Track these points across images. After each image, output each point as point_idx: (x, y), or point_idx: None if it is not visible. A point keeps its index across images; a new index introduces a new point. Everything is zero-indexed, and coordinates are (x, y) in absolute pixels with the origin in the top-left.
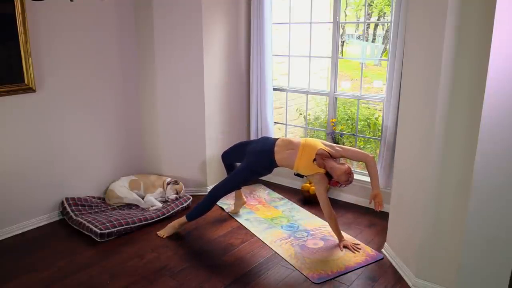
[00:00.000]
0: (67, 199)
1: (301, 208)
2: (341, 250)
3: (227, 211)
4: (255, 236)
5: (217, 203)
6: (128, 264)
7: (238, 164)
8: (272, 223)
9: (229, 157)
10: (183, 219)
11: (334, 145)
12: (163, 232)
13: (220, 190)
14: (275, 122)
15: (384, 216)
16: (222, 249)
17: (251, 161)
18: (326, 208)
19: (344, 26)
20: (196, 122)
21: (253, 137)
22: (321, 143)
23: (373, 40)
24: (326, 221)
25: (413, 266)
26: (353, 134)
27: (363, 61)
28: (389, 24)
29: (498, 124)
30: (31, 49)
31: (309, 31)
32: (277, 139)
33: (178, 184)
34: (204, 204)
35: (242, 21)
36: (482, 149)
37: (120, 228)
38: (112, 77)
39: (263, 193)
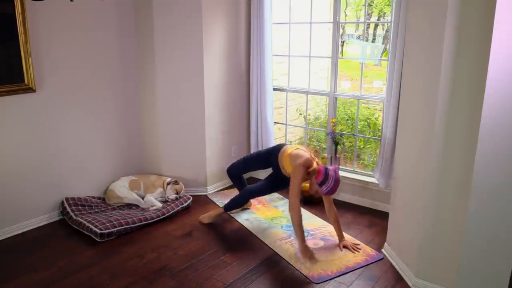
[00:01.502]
0: (67, 199)
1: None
2: (341, 250)
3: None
4: (255, 236)
5: (217, 203)
6: (128, 264)
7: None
8: (272, 223)
9: (233, 170)
10: (220, 210)
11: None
12: (204, 219)
13: (256, 194)
14: (275, 122)
15: (384, 216)
16: (222, 249)
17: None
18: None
19: (344, 26)
20: (196, 122)
21: (253, 136)
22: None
23: (373, 40)
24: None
25: (413, 266)
26: (353, 134)
27: (363, 61)
28: (389, 24)
29: (498, 124)
30: (31, 49)
31: (309, 31)
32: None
33: (178, 184)
34: (241, 200)
35: (242, 21)
36: (482, 149)
37: (120, 228)
38: (112, 77)
39: None
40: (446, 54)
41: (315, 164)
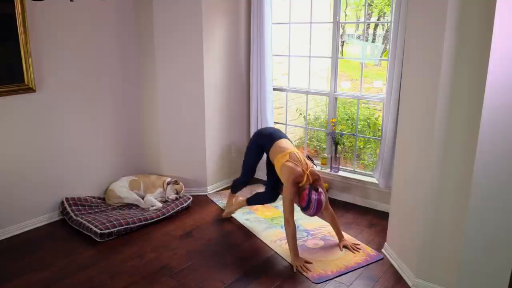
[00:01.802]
0: (67, 199)
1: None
2: (341, 250)
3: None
4: (255, 236)
5: (217, 203)
6: (128, 264)
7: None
8: (272, 223)
9: (239, 180)
10: (243, 202)
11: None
12: (227, 215)
13: (272, 193)
14: (275, 122)
15: (384, 216)
16: (222, 249)
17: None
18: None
19: (344, 26)
20: (196, 122)
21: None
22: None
23: (373, 40)
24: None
25: (413, 266)
26: (353, 134)
27: (363, 61)
28: (389, 24)
29: (498, 124)
30: (31, 49)
31: (309, 31)
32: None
33: (178, 184)
34: (265, 199)
35: (242, 21)
36: (482, 149)
37: (120, 228)
38: (112, 77)
39: None
40: (446, 54)
41: (305, 179)
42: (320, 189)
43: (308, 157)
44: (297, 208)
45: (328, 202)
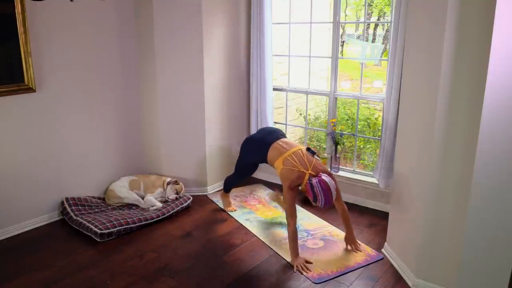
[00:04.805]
0: (67, 199)
1: (301, 208)
2: (345, 245)
3: (228, 210)
4: (255, 236)
5: (217, 203)
6: (128, 264)
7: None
8: (272, 223)
9: (231, 179)
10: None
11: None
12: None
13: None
14: (275, 122)
15: (384, 216)
16: (222, 249)
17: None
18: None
19: (344, 26)
20: (196, 122)
21: None
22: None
23: (373, 40)
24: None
25: (413, 266)
26: (353, 134)
27: (363, 61)
28: (389, 24)
29: (498, 124)
30: (31, 49)
31: (309, 31)
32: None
33: (178, 184)
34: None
35: (242, 21)
36: (482, 149)
37: (120, 228)
38: (112, 77)
39: (263, 193)
40: (446, 54)
41: (306, 179)
42: (321, 173)
43: (309, 150)
44: (297, 209)
45: (340, 194)
